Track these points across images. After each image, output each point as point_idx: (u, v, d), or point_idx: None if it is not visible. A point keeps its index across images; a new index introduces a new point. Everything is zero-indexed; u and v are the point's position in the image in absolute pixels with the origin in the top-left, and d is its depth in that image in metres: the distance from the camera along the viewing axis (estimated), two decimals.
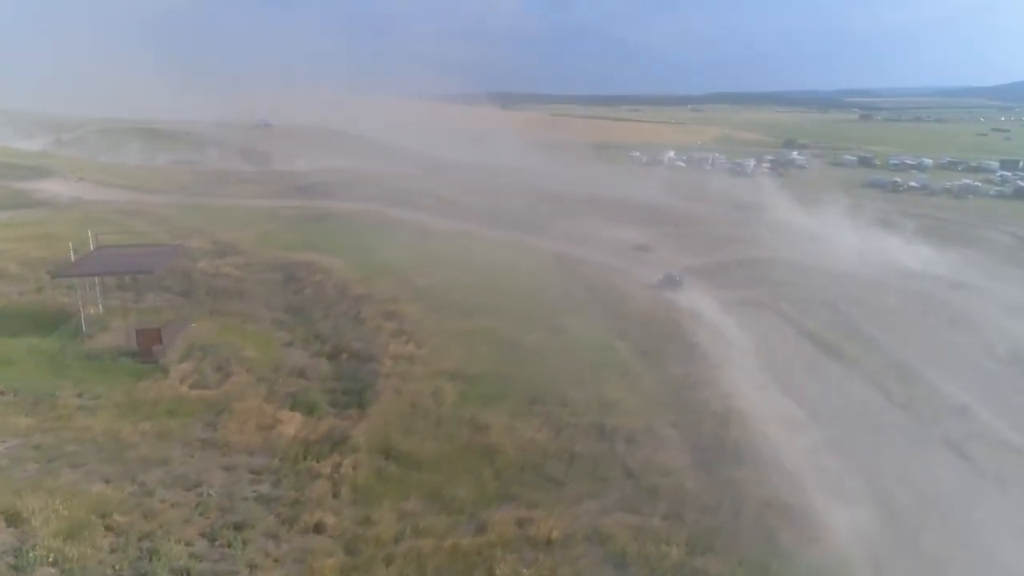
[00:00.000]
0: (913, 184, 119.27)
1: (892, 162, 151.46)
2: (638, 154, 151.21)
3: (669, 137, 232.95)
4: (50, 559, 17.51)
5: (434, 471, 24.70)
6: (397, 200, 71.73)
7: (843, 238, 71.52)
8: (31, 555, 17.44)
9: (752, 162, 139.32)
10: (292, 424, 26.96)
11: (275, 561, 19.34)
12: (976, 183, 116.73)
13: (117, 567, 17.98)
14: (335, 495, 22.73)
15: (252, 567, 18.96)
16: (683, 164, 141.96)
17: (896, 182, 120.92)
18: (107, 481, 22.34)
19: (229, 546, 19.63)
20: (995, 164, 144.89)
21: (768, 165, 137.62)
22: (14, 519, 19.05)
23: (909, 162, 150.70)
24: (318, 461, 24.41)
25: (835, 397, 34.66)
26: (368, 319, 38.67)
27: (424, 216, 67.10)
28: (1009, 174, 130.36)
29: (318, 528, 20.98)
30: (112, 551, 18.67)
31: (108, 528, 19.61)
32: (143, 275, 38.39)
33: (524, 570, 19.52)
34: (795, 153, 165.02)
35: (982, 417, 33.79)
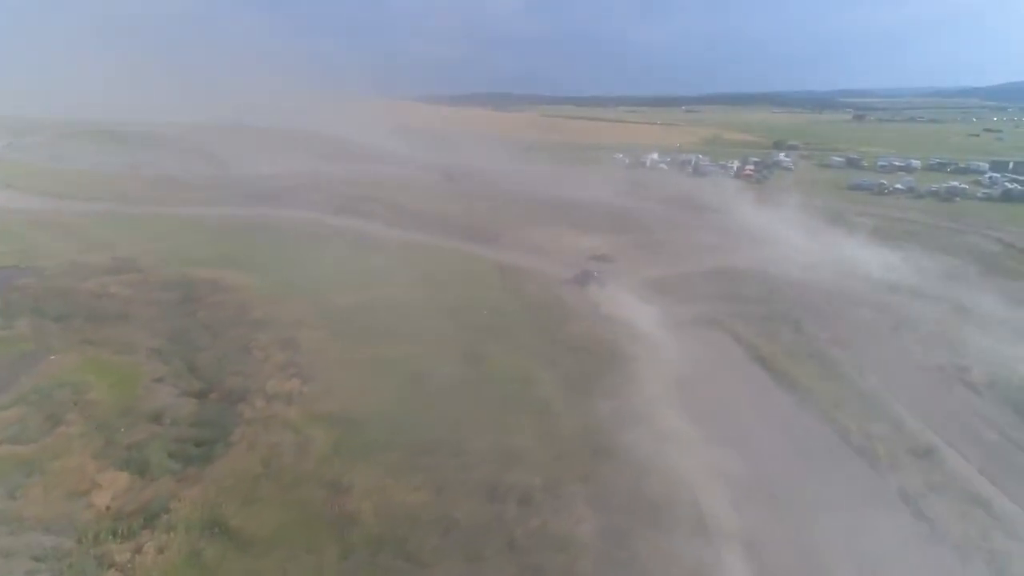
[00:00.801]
0: (899, 186, 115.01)
1: (880, 164, 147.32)
2: (622, 156, 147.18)
3: (659, 138, 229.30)
4: None
5: (265, 552, 20.18)
6: (346, 207, 67.24)
7: (817, 246, 67.16)
8: None
9: (736, 164, 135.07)
10: (111, 489, 22.43)
11: None
12: (963, 186, 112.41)
13: None
14: None
15: None
16: (665, 166, 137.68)
17: (882, 184, 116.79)
18: None
19: None
20: (985, 166, 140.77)
21: (752, 167, 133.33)
22: None
23: (897, 163, 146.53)
24: (122, 542, 19.88)
25: (781, 442, 30.11)
26: (258, 348, 34.11)
27: (370, 224, 62.61)
28: (998, 176, 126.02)
29: None
30: None
31: None
32: (14, 297, 33.78)
33: None
34: (783, 155, 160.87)
35: (949, 463, 29.32)
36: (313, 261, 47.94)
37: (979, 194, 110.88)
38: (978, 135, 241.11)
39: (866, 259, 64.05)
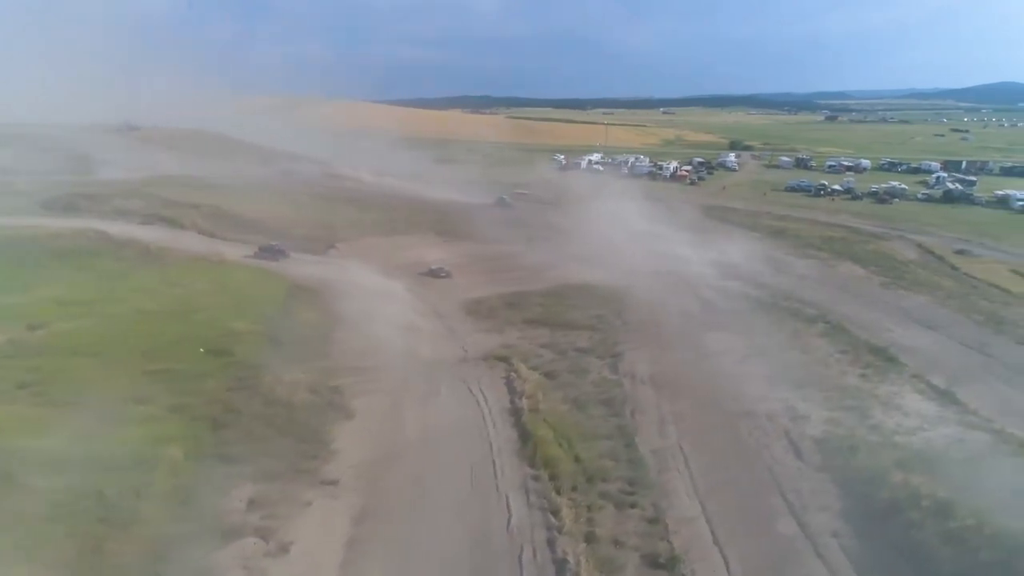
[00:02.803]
0: (837, 188, 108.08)
1: (829, 164, 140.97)
2: (562, 157, 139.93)
3: (619, 140, 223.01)
4: None
5: None
6: (164, 215, 58.60)
7: (695, 256, 59.60)
8: None
9: (673, 164, 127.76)
10: None
11: None
12: (903, 186, 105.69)
13: None
14: None
15: None
16: (601, 168, 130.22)
17: (823, 185, 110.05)
18: None
19: None
20: (936, 165, 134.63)
21: (688, 168, 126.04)
22: None
23: (846, 164, 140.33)
24: None
25: None
26: None
27: (179, 234, 54.01)
28: (945, 175, 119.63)
29: None
30: None
31: None
32: None
33: None
34: (732, 155, 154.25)
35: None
36: (40, 283, 39.10)
37: (919, 195, 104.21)
38: (944, 135, 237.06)
39: (744, 274, 56.55)
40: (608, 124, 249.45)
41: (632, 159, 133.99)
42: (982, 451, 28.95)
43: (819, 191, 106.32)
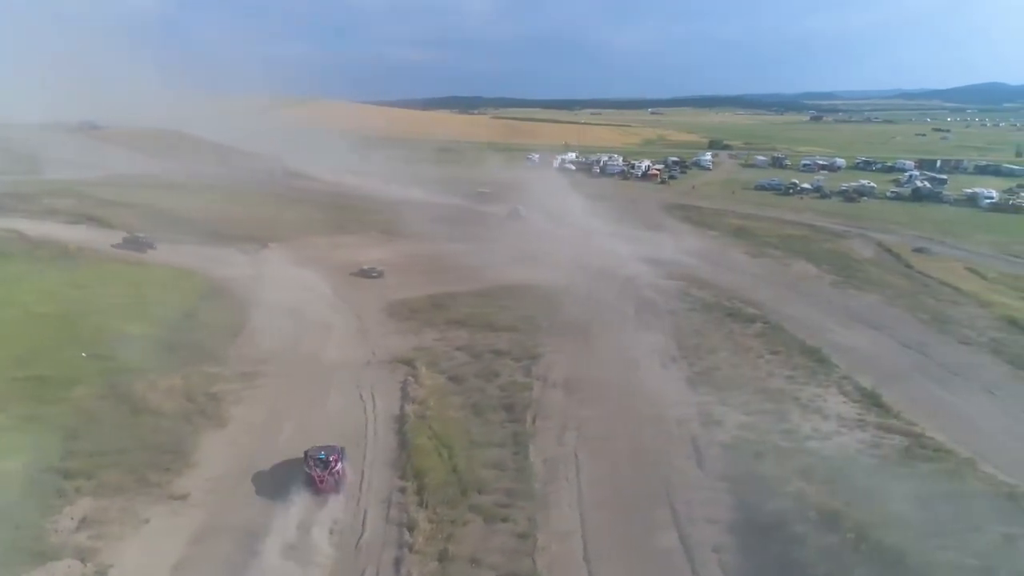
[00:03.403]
0: (806, 186, 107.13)
1: (804, 163, 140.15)
2: (536, 156, 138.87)
3: (601, 139, 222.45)
4: None
5: None
6: (95, 214, 56.82)
7: (650, 253, 58.33)
8: None
9: (645, 163, 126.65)
10: None
11: None
12: (872, 185, 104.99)
13: None
14: None
15: None
16: (573, 167, 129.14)
17: (794, 184, 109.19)
18: None
19: None
20: (910, 164, 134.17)
21: (660, 167, 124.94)
22: None
23: (821, 162, 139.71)
24: None
25: None
26: None
27: (107, 234, 52.13)
28: (917, 174, 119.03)
29: None
30: None
31: None
32: None
33: None
34: (708, 154, 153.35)
35: None
36: None
37: (888, 193, 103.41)
38: (925, 135, 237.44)
39: (691, 274, 55.30)
40: (586, 123, 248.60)
41: (605, 158, 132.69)
42: (893, 457, 27.67)
43: (788, 190, 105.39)
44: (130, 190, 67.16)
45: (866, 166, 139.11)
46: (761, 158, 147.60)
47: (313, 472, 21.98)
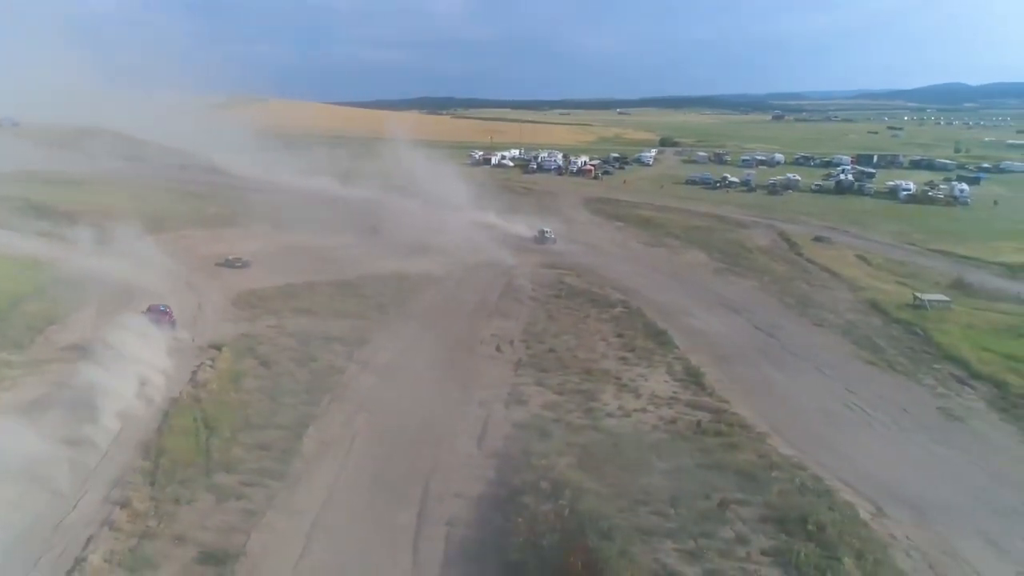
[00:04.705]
0: (734, 180, 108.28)
1: (743, 159, 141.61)
2: (479, 153, 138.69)
3: (557, 138, 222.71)
4: None
5: None
6: None
7: (536, 250, 58.44)
8: None
9: (582, 159, 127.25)
10: None
11: None
12: (797, 178, 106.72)
13: None
14: None
15: None
16: (511, 163, 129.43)
17: (724, 178, 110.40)
18: None
19: None
20: (847, 159, 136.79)
21: (596, 163, 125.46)
22: None
23: (760, 158, 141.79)
24: None
25: None
26: None
27: None
28: (848, 168, 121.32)
29: None
30: None
31: None
32: None
33: None
34: (652, 151, 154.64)
35: None
36: None
37: (813, 186, 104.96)
38: (878, 133, 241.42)
39: (574, 263, 55.36)
40: (542, 123, 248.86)
41: (544, 155, 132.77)
42: (682, 432, 27.63)
43: (717, 184, 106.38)
44: (14, 184, 65.46)
45: (805, 161, 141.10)
46: (702, 154, 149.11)
47: None
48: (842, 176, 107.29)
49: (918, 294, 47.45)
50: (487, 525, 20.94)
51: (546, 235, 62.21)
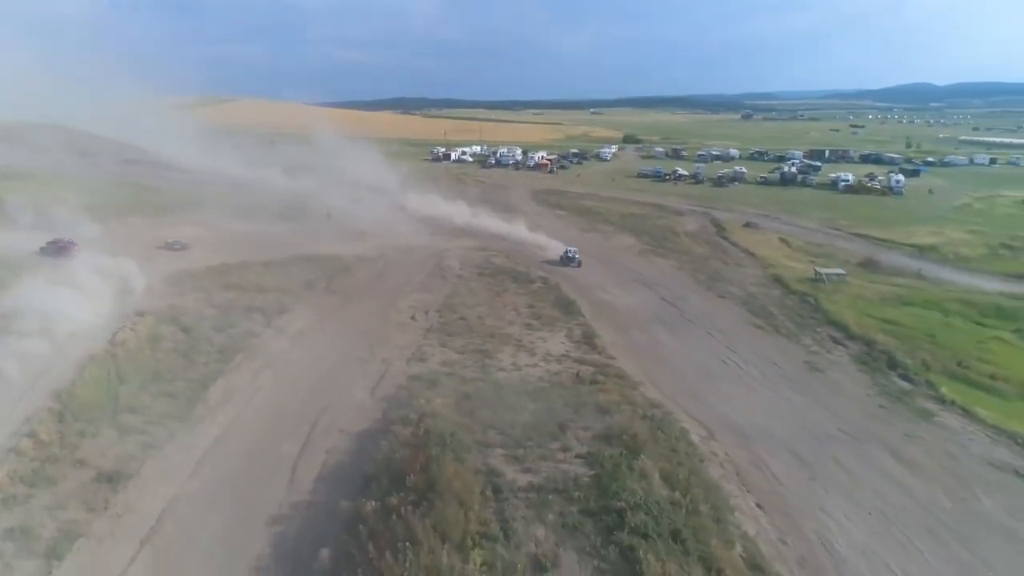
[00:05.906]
0: (684, 174, 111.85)
1: (699, 154, 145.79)
2: (441, 149, 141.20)
3: (525, 136, 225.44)
4: None
5: None
6: None
7: (473, 235, 61.15)
8: None
9: (540, 154, 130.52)
10: None
11: None
12: (743, 171, 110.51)
13: None
14: None
15: None
16: (470, 159, 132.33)
17: (675, 171, 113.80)
18: None
19: None
20: (799, 154, 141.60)
21: (552, 158, 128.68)
22: None
23: (715, 153, 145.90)
24: None
25: None
26: None
27: None
28: (798, 161, 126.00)
29: None
30: None
31: None
32: None
33: None
34: (612, 147, 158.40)
35: None
36: None
37: (758, 178, 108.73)
38: (839, 130, 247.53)
39: (506, 247, 58.16)
40: (511, 121, 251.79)
41: (503, 151, 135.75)
42: (561, 382, 30.48)
43: (666, 177, 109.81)
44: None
45: (759, 156, 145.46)
46: (659, 150, 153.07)
47: None
48: (786, 169, 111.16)
49: (817, 268, 51.05)
50: (361, 452, 23.72)
51: (569, 254, 53.37)
